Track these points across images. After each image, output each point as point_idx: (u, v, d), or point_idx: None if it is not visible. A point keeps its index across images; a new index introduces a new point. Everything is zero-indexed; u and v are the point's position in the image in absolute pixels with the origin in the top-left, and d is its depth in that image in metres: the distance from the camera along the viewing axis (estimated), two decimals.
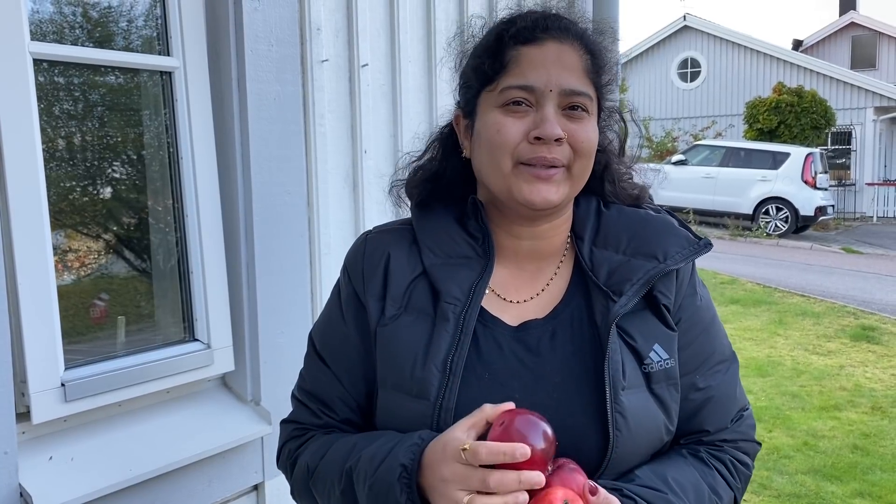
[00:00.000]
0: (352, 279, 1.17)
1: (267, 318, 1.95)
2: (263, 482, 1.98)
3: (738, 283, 9.87)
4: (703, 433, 1.14)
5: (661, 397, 1.08)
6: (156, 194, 1.93)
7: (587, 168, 1.10)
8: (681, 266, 1.12)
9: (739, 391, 1.19)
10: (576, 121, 1.07)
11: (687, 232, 1.16)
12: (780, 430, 5.20)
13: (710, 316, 1.18)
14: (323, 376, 1.18)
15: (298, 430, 1.19)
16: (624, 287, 1.08)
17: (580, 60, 1.08)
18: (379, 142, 2.32)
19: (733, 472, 1.14)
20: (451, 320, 1.07)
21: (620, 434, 1.02)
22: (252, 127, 1.90)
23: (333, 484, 1.08)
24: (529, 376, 1.07)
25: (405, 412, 1.06)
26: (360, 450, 1.06)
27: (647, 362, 1.07)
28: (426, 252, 1.13)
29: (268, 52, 1.94)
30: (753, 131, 18.93)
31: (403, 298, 1.11)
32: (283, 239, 2.00)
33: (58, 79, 1.75)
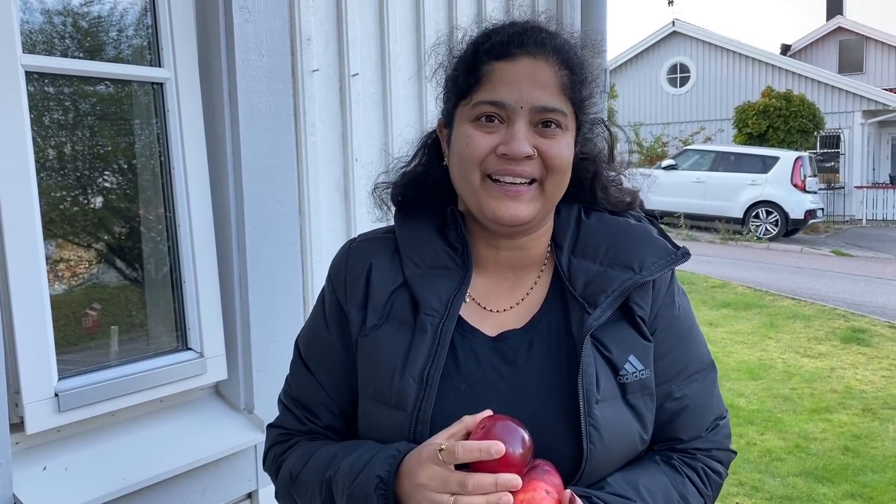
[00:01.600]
0: (335, 288, 1.19)
1: (259, 326, 1.96)
2: (257, 490, 1.99)
3: (729, 286, 9.92)
4: (676, 441, 1.16)
5: (636, 408, 1.09)
6: (148, 204, 1.94)
7: (561, 184, 1.10)
8: (656, 276, 1.13)
9: (716, 400, 1.20)
10: (548, 137, 1.07)
11: (665, 241, 1.17)
12: (771, 433, 5.22)
13: (688, 325, 1.19)
14: (307, 383, 1.20)
15: (283, 434, 1.22)
16: (599, 298, 1.09)
17: (555, 77, 1.07)
18: (370, 151, 2.34)
19: (704, 480, 1.15)
20: (428, 332, 1.08)
21: (594, 447, 1.04)
22: (243, 137, 1.92)
23: (315, 492, 1.10)
24: (506, 388, 1.08)
25: (384, 422, 1.08)
26: (339, 459, 1.08)
27: (622, 373, 1.08)
28: (407, 262, 1.15)
29: (259, 62, 1.96)
30: (743, 136, 19.04)
31: (385, 308, 1.12)
32: (275, 247, 2.01)
33: (50, 90, 1.76)
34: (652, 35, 23.25)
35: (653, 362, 1.12)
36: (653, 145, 20.81)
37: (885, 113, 20.69)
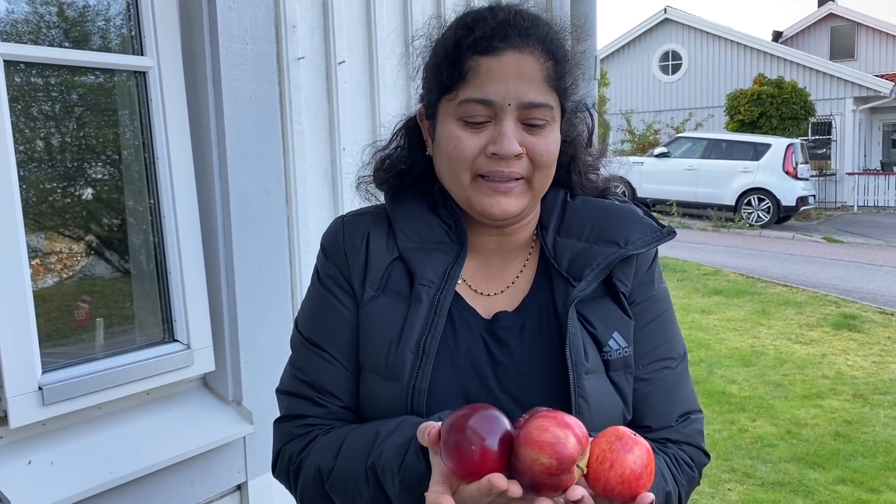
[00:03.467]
0: (334, 261, 1.15)
1: (247, 317, 1.94)
2: (246, 482, 1.98)
3: (721, 273, 9.94)
4: (645, 429, 1.12)
5: (618, 385, 1.09)
6: (132, 195, 1.92)
7: (547, 179, 1.09)
8: (641, 251, 1.13)
9: (688, 393, 1.18)
10: (536, 133, 1.05)
11: (651, 220, 1.17)
12: (763, 420, 5.24)
13: (664, 309, 1.17)
14: (320, 361, 1.12)
15: (301, 427, 1.12)
16: (584, 272, 1.09)
17: (540, 69, 1.05)
18: (357, 139, 2.32)
19: (676, 466, 1.11)
20: (424, 302, 1.07)
21: (582, 417, 1.01)
22: (228, 126, 1.89)
23: (359, 484, 1.01)
24: (499, 368, 1.08)
25: (381, 395, 1.07)
26: (380, 443, 1.00)
27: (605, 349, 1.08)
28: (401, 236, 1.13)
29: (243, 50, 1.93)
30: (735, 123, 19.05)
31: (382, 280, 1.11)
32: (262, 238, 1.99)
33: (30, 79, 1.73)
34: (644, 22, 23.19)
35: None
36: (645, 133, 20.80)
37: (876, 99, 20.72)
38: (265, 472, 2.00)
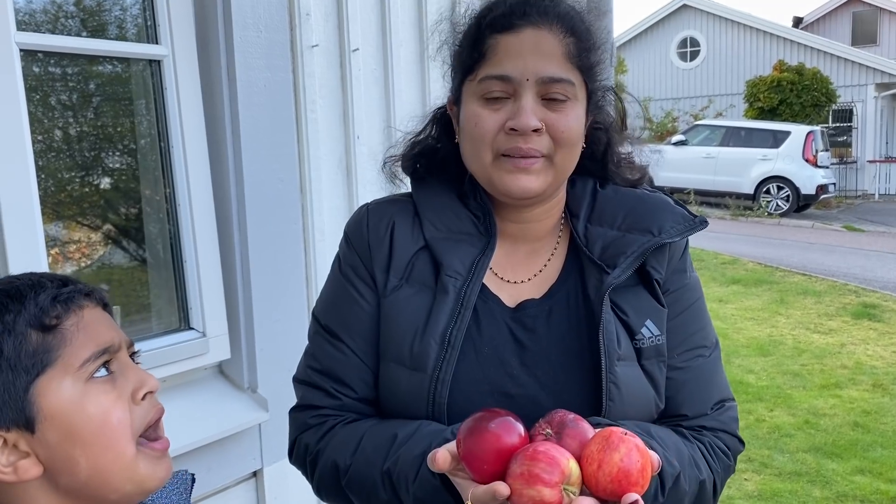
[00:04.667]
0: (357, 250, 1.15)
1: (262, 305, 1.95)
2: (262, 468, 1.99)
3: (740, 262, 9.86)
4: (681, 417, 1.13)
5: (650, 373, 1.09)
6: (147, 184, 1.93)
7: (570, 156, 1.08)
8: (676, 240, 1.12)
9: (721, 381, 1.17)
10: (556, 110, 1.04)
11: (683, 210, 1.16)
12: (781, 409, 5.21)
13: (696, 298, 1.17)
14: (335, 352, 1.12)
15: (316, 417, 1.12)
16: (618, 260, 1.09)
17: (560, 45, 1.05)
18: (371, 127, 2.31)
19: (712, 454, 1.11)
20: (451, 293, 1.07)
21: (613, 404, 1.03)
22: (242, 114, 1.90)
23: (375, 487, 1.03)
24: (526, 354, 1.08)
25: (403, 385, 1.06)
26: (397, 449, 1.01)
27: (638, 337, 1.08)
28: (427, 225, 1.13)
29: (257, 38, 1.93)
30: (754, 110, 18.84)
31: (406, 270, 1.11)
32: (277, 226, 2.00)
33: (46, 68, 1.74)
34: (662, 9, 22.95)
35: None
36: (663, 121, 20.63)
37: None
38: (280, 458, 2.01)
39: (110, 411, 0.78)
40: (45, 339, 0.76)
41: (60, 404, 0.75)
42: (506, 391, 1.06)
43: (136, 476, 0.79)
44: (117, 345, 0.82)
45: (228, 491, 1.94)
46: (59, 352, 0.76)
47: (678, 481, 1.02)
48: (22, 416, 0.74)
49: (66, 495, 0.77)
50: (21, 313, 0.75)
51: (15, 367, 0.74)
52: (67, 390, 0.76)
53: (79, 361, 0.77)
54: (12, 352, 0.74)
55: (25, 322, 0.75)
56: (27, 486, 0.75)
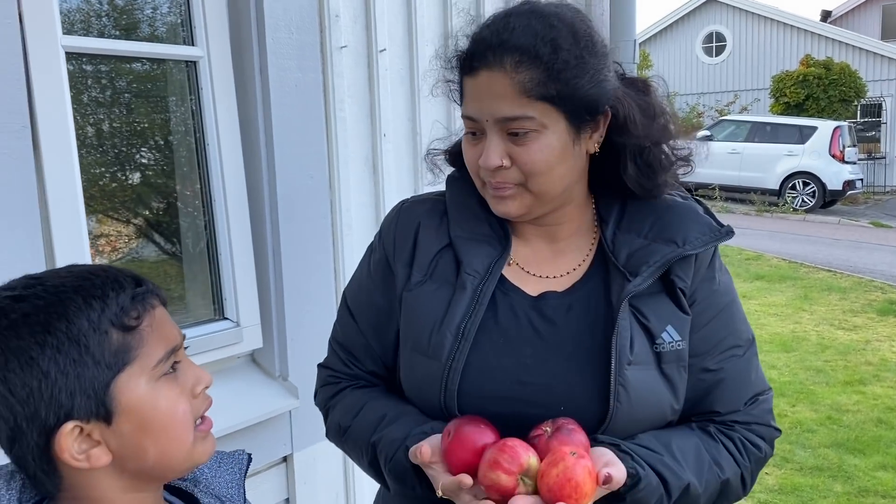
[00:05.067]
0: (384, 244, 1.25)
1: (292, 296, 2.03)
2: (292, 454, 2.07)
3: (764, 258, 9.81)
4: (713, 414, 1.18)
5: (670, 377, 1.13)
6: (184, 180, 2.01)
7: (546, 181, 1.11)
8: (699, 251, 1.15)
9: (756, 376, 1.21)
10: (520, 143, 1.08)
11: (710, 219, 1.19)
12: (803, 405, 5.21)
13: (728, 301, 1.20)
14: (351, 330, 1.27)
15: (332, 377, 1.29)
16: (640, 269, 1.12)
17: (512, 84, 1.05)
18: (398, 126, 2.38)
19: (741, 450, 1.16)
20: (468, 290, 1.14)
21: (620, 405, 1.08)
22: (275, 113, 1.97)
23: (362, 452, 1.19)
24: (542, 344, 1.13)
25: (420, 371, 1.15)
26: (384, 427, 1.15)
27: (658, 342, 1.12)
28: (454, 225, 1.21)
29: (288, 39, 2.00)
30: (780, 105, 18.65)
31: (430, 267, 1.19)
32: (307, 221, 2.07)
33: (88, 69, 1.83)
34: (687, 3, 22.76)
35: (690, 335, 1.15)
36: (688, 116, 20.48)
37: None
38: (310, 444, 2.09)
39: (177, 406, 0.85)
40: (125, 338, 0.81)
41: (136, 400, 0.82)
42: (519, 379, 1.12)
43: (191, 457, 0.88)
44: (180, 342, 0.89)
45: (260, 475, 2.02)
46: (137, 351, 0.82)
47: (687, 490, 1.09)
48: (102, 409, 0.80)
49: (129, 477, 0.84)
50: (104, 311, 0.80)
51: (99, 364, 0.79)
52: (142, 387, 0.82)
53: (153, 361, 0.83)
54: (97, 349, 0.79)
55: (108, 321, 0.80)
56: (94, 471, 0.82)
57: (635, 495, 1.04)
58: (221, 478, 1.02)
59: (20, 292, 0.80)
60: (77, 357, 0.78)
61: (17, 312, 0.78)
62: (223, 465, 1.03)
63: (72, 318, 0.78)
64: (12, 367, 0.77)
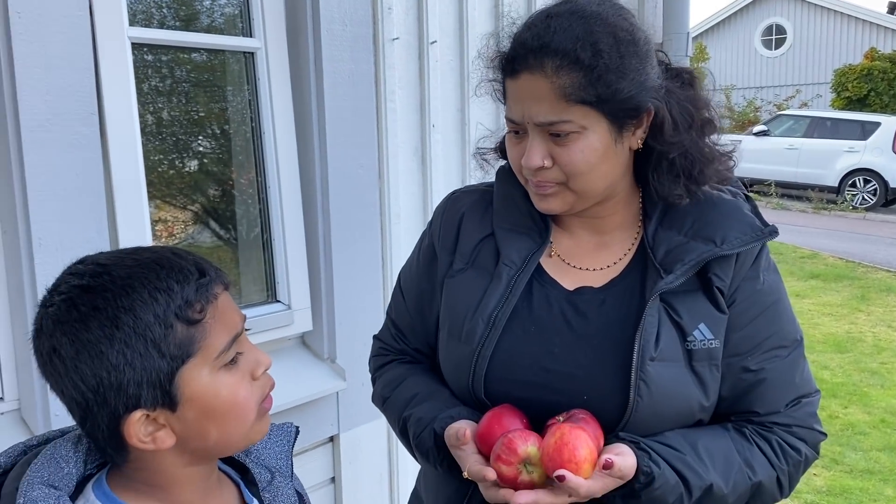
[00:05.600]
0: (432, 232, 1.33)
1: (342, 282, 2.09)
2: (338, 434, 2.13)
3: (820, 257, 9.57)
4: (752, 414, 1.16)
5: (700, 375, 1.12)
6: (240, 168, 2.08)
7: (588, 180, 1.13)
8: (738, 251, 1.14)
9: (801, 378, 1.19)
10: (561, 144, 1.10)
11: (754, 218, 1.18)
12: (856, 407, 5.09)
13: (773, 301, 1.18)
14: (401, 308, 1.36)
15: (382, 349, 1.40)
16: (675, 266, 1.13)
17: (553, 88, 1.06)
18: (446, 117, 2.41)
19: (778, 453, 1.15)
20: (503, 280, 1.18)
21: (641, 400, 1.08)
22: (328, 104, 2.03)
23: (395, 423, 1.30)
24: (572, 336, 1.16)
25: (453, 354, 1.21)
26: (416, 404, 1.23)
27: (689, 339, 1.12)
28: (497, 217, 1.25)
29: (342, 31, 2.06)
30: (841, 100, 18.10)
31: (471, 255, 1.24)
32: (357, 209, 2.13)
33: (150, 59, 1.91)
34: None
35: (729, 333, 1.14)
36: (745, 110, 20.04)
37: None
38: (356, 426, 2.15)
39: (238, 391, 0.89)
40: (189, 331, 0.84)
41: (199, 389, 0.86)
42: (545, 366, 1.14)
43: (248, 436, 0.93)
44: (241, 328, 0.92)
45: (307, 453, 2.09)
46: (200, 343, 0.85)
47: (711, 490, 1.09)
48: (167, 398, 0.84)
49: (190, 454, 0.90)
50: (170, 305, 0.83)
51: (164, 356, 0.82)
52: (205, 377, 0.86)
53: (216, 352, 0.87)
54: (163, 342, 0.82)
55: (173, 314, 0.83)
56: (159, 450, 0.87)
57: (651, 493, 1.06)
58: (271, 449, 1.07)
59: (88, 281, 0.83)
60: (143, 351, 0.81)
61: (87, 305, 0.81)
62: (273, 437, 1.08)
63: (139, 313, 0.81)
64: (83, 359, 0.81)
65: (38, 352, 0.84)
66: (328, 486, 2.17)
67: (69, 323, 0.81)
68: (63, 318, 0.82)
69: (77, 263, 0.87)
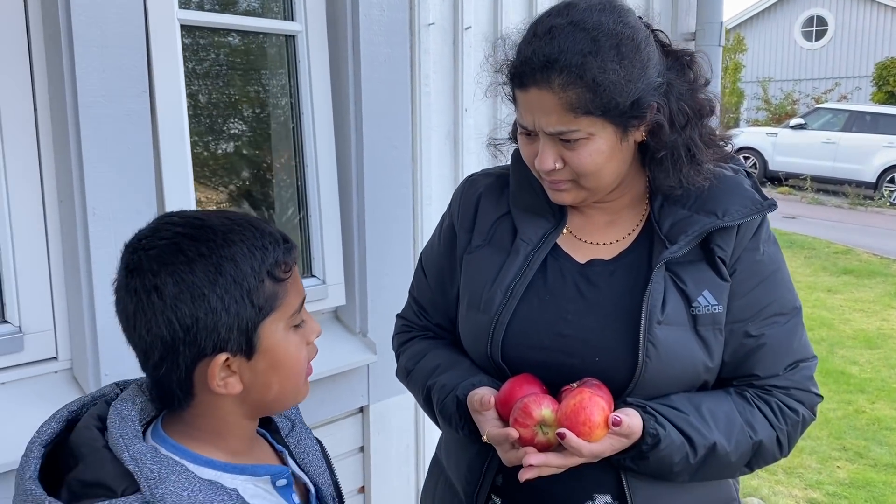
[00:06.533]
0: (451, 212, 1.42)
1: (374, 259, 2.17)
2: (368, 405, 2.22)
3: (853, 253, 9.45)
4: (753, 377, 1.24)
5: (705, 338, 1.20)
6: (278, 147, 2.17)
7: (597, 178, 1.21)
8: (738, 223, 1.22)
9: (799, 344, 1.26)
10: (571, 149, 1.18)
11: (754, 193, 1.26)
12: (883, 402, 5.07)
13: (772, 270, 1.25)
14: (423, 285, 1.46)
15: (405, 326, 1.49)
16: (679, 237, 1.21)
17: (560, 101, 1.13)
18: (478, 101, 2.47)
19: (777, 414, 1.22)
20: (520, 255, 1.27)
21: (649, 361, 1.17)
22: (364, 87, 2.10)
23: (419, 393, 1.38)
24: (584, 303, 1.24)
25: (473, 323, 1.30)
26: (439, 373, 1.32)
27: (694, 305, 1.20)
28: (513, 198, 1.34)
29: (380, 16, 2.12)
30: (882, 94, 17.75)
31: (489, 233, 1.33)
32: (390, 190, 2.20)
33: (190, 41, 1.99)
34: None
35: (731, 301, 1.22)
36: (782, 102, 19.74)
37: None
38: (385, 398, 2.24)
39: (301, 350, 0.98)
40: (275, 287, 0.93)
41: (274, 342, 0.94)
42: (559, 331, 1.23)
43: (296, 396, 1.02)
44: (305, 297, 1.02)
45: (338, 422, 2.18)
46: (281, 300, 0.94)
47: (714, 448, 1.17)
48: (248, 346, 0.93)
49: (248, 406, 0.98)
50: (264, 261, 0.92)
51: (254, 306, 0.91)
52: (280, 332, 0.94)
53: (291, 311, 0.96)
54: (255, 292, 0.91)
55: (266, 270, 0.92)
56: (223, 397, 0.95)
57: (658, 453, 1.14)
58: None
59: (191, 231, 0.91)
60: (239, 298, 0.90)
61: (193, 251, 0.89)
62: None
63: (239, 263, 0.90)
64: (184, 299, 0.88)
65: (132, 290, 0.90)
66: (357, 455, 2.26)
67: (175, 265, 0.89)
68: (168, 259, 0.89)
69: (169, 215, 0.96)
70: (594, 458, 1.11)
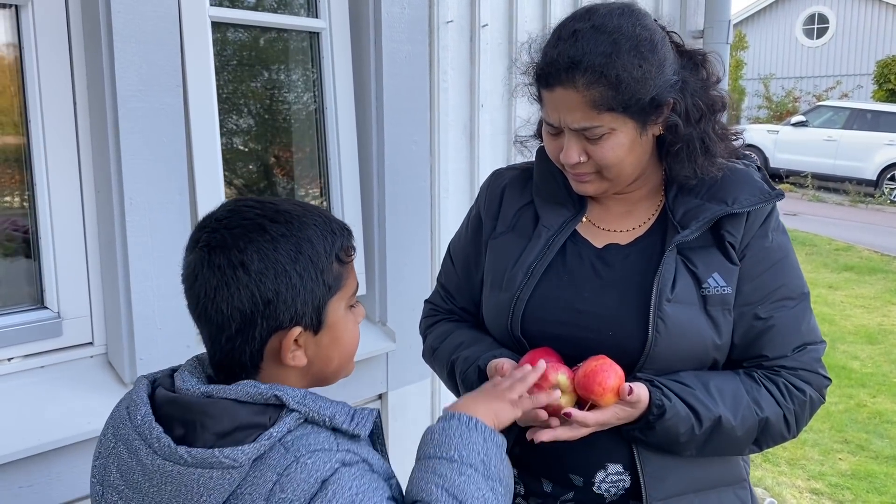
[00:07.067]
0: (478, 201, 1.51)
1: (394, 251, 2.23)
2: (387, 392, 2.28)
3: (854, 250, 9.52)
4: (761, 358, 1.31)
5: (714, 318, 1.27)
6: (301, 140, 2.23)
7: (619, 170, 1.29)
8: (746, 210, 1.29)
9: (807, 327, 1.32)
10: (594, 143, 1.26)
11: (762, 183, 1.34)
12: (884, 396, 5.14)
13: (780, 257, 1.32)
14: (450, 271, 1.55)
15: (432, 311, 1.58)
16: (691, 223, 1.29)
17: (584, 99, 1.21)
18: (495, 97, 2.53)
19: (785, 393, 1.28)
20: (542, 239, 1.37)
21: (659, 336, 1.24)
22: (386, 83, 2.16)
23: (443, 367, 1.47)
24: (600, 282, 1.33)
25: (495, 301, 1.39)
26: (462, 349, 1.42)
27: (704, 286, 1.27)
28: (536, 189, 1.43)
29: (401, 14, 2.18)
30: (883, 92, 17.80)
31: (512, 220, 1.42)
32: (409, 183, 2.26)
33: (227, 38, 2.05)
34: None
35: (741, 284, 1.29)
36: (783, 100, 19.80)
37: None
38: (403, 385, 2.30)
39: (356, 329, 1.08)
40: (341, 269, 1.03)
41: (337, 319, 1.03)
42: (576, 307, 1.31)
43: (346, 372, 1.11)
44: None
45: None
46: (345, 282, 1.04)
47: (720, 422, 1.24)
48: (318, 320, 1.01)
49: (307, 379, 1.06)
50: (334, 245, 1.01)
51: (325, 284, 1.01)
52: (342, 311, 1.04)
53: (351, 291, 1.06)
54: (326, 272, 1.00)
55: (335, 253, 1.01)
56: (289, 370, 1.03)
57: (664, 424, 1.22)
58: None
59: (271, 214, 0.99)
60: (314, 276, 0.99)
61: (276, 231, 0.97)
62: None
63: (315, 245, 0.99)
64: (268, 274, 0.96)
65: (215, 265, 0.97)
66: None
67: (261, 242, 0.97)
68: (254, 237, 0.97)
69: (242, 200, 1.05)
70: (600, 426, 1.21)
